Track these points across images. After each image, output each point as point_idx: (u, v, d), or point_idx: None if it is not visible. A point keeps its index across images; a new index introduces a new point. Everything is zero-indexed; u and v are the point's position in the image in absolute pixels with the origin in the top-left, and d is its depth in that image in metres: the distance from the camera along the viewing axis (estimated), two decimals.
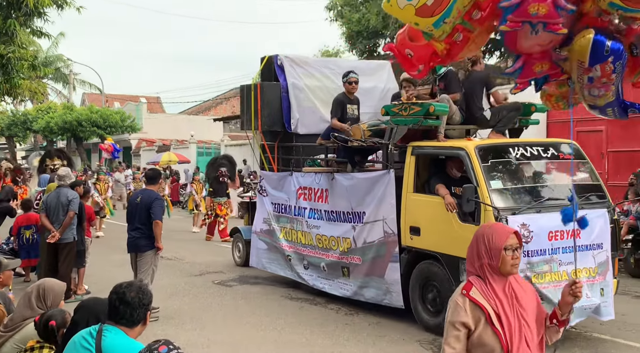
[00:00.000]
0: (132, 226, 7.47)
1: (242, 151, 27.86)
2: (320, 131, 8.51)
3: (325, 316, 7.53)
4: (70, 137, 34.58)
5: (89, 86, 40.70)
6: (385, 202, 7.08)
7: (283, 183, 8.90)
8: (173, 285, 9.23)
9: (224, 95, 45.68)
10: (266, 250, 9.30)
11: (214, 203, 14.08)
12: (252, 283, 9.56)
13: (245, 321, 7.28)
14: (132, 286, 3.12)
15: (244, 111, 9.43)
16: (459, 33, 3.96)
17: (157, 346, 2.69)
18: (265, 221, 9.30)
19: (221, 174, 13.99)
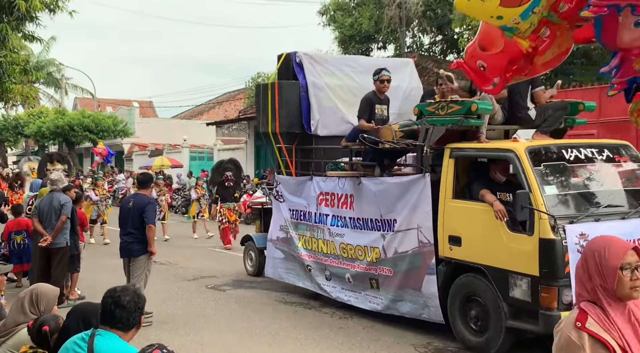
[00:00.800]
0: (124, 231, 7.43)
1: (235, 155, 27.76)
2: (342, 133, 8.14)
3: (320, 320, 7.52)
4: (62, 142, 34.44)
5: (81, 90, 40.63)
6: (420, 209, 6.54)
7: (302, 188, 8.38)
8: (166, 290, 9.19)
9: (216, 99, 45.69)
10: (283, 259, 8.78)
11: (224, 208, 13.49)
12: (246, 287, 9.53)
13: (239, 325, 7.25)
14: (128, 290, 3.12)
15: (260, 112, 8.89)
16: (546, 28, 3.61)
17: (150, 350, 2.68)
18: (281, 228, 8.79)
19: (227, 178, 13.48)
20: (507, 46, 3.86)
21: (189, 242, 14.71)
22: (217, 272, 10.76)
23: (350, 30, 23.77)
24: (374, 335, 6.83)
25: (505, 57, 3.89)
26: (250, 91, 39.50)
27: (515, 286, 5.64)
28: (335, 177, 7.83)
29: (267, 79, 39.11)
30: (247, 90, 40.25)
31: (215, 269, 11.08)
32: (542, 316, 5.40)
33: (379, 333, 6.92)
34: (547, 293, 5.38)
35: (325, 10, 24.92)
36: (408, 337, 6.73)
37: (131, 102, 41.41)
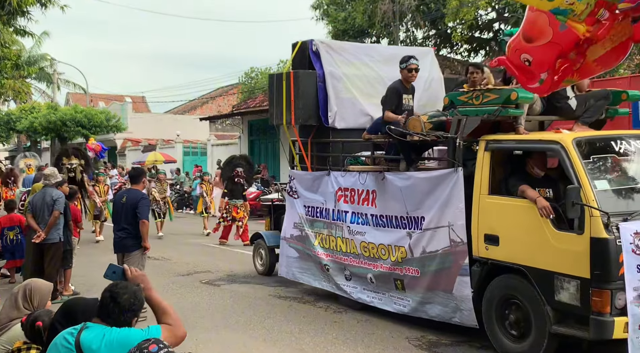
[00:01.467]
0: (118, 227, 7.41)
1: (229, 151, 27.79)
2: (360, 126, 7.85)
3: (314, 314, 7.54)
4: (55, 137, 34.26)
5: (73, 85, 40.38)
6: (452, 205, 6.12)
7: (318, 184, 7.98)
8: (160, 285, 9.17)
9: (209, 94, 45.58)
10: (297, 258, 8.37)
11: (230, 205, 13.20)
12: (240, 282, 9.54)
13: (233, 320, 7.26)
14: (128, 288, 3.13)
15: (273, 103, 8.37)
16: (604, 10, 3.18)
17: (147, 345, 2.68)
18: (296, 226, 8.38)
19: (237, 174, 13.17)
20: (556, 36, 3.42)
21: (182, 238, 14.67)
22: (212, 267, 10.76)
23: (344, 25, 23.72)
24: (368, 329, 6.86)
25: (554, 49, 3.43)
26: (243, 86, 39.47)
27: (562, 289, 5.26)
28: (355, 172, 7.43)
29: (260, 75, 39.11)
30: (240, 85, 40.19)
31: (210, 264, 11.08)
32: (593, 321, 5.01)
33: (374, 327, 6.94)
34: (599, 296, 4.97)
35: (318, 5, 24.86)
36: (402, 330, 6.76)
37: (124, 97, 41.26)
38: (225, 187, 13.49)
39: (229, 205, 13.17)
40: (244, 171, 13.29)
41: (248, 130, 26.89)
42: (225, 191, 13.43)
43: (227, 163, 13.67)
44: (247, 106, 27.03)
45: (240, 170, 13.18)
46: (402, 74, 7.21)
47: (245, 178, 13.43)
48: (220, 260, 11.57)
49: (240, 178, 13.20)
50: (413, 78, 7.27)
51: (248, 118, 26.54)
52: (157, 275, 10.00)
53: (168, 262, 11.36)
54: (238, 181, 13.21)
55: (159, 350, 2.66)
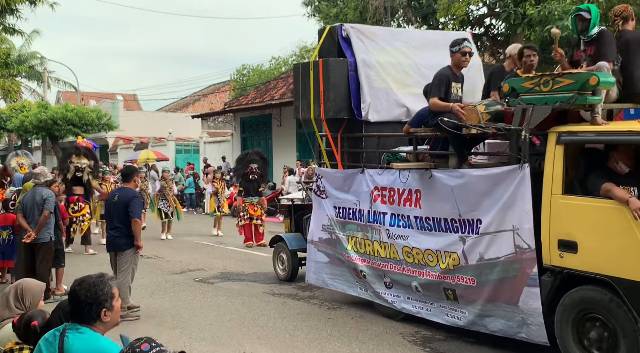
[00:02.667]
0: (110, 225, 7.38)
1: (222, 148, 27.77)
2: (395, 118, 7.31)
3: (309, 311, 7.53)
4: (46, 136, 34.08)
5: (64, 83, 40.16)
6: (517, 207, 5.42)
7: (350, 183, 7.32)
8: (154, 284, 9.15)
9: (201, 92, 45.47)
10: (328, 263, 7.73)
11: (246, 203, 12.71)
12: (234, 279, 9.51)
13: (227, 318, 7.24)
14: (84, 282, 2.97)
15: (299, 96, 7.73)
16: None
17: (139, 344, 2.66)
18: (324, 228, 7.73)
19: (251, 171, 12.67)
20: None
21: (176, 236, 14.61)
22: (205, 265, 10.73)
23: (336, 21, 23.67)
24: (362, 325, 6.86)
25: None
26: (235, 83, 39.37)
27: None
28: (394, 170, 6.74)
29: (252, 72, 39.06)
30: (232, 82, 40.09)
31: (203, 262, 11.05)
32: None
33: (368, 323, 6.94)
34: None
35: (310, 1, 24.82)
36: (396, 326, 6.76)
37: (115, 95, 41.05)
38: (240, 185, 13.12)
39: (245, 203, 12.71)
40: (259, 167, 12.83)
41: (240, 127, 26.84)
42: (241, 189, 13.00)
43: (241, 160, 13.23)
44: (239, 103, 26.97)
45: (255, 166, 12.72)
46: (454, 59, 6.45)
47: (260, 174, 12.98)
48: (213, 258, 11.54)
49: (255, 174, 12.76)
50: (466, 63, 6.52)
51: (240, 115, 26.49)
52: (151, 273, 9.97)
53: (161, 260, 11.32)
54: (253, 178, 12.77)
55: (151, 349, 2.65)
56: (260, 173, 12.87)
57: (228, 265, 10.75)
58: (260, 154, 13.30)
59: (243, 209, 12.69)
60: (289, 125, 23.82)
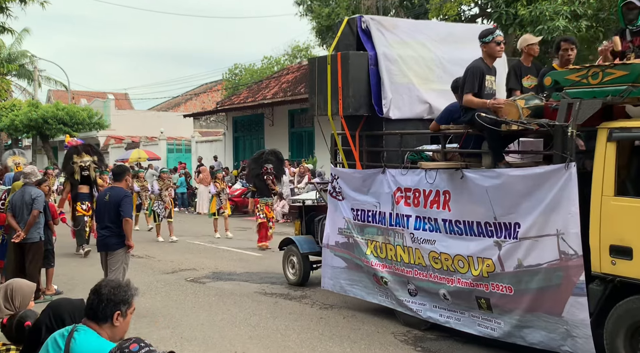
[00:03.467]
0: (101, 225, 7.33)
1: (214, 147, 27.71)
2: (416, 115, 6.99)
3: (300, 311, 7.52)
4: (36, 135, 33.89)
5: (55, 82, 39.92)
6: (562, 209, 5.02)
7: (370, 184, 6.93)
8: (145, 283, 9.11)
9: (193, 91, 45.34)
10: (345, 269, 7.36)
11: (261, 203, 12.37)
12: (225, 279, 9.49)
13: (219, 318, 7.23)
14: (113, 282, 3.12)
15: (315, 92, 7.35)
16: None
17: (127, 345, 2.65)
18: (341, 232, 7.36)
19: (266, 171, 12.30)
20: None
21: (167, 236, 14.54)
22: (196, 265, 10.70)
23: (328, 21, 23.67)
24: (354, 325, 6.86)
25: None
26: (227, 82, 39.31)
27: None
28: (419, 170, 6.33)
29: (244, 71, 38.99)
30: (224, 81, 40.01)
31: (194, 262, 11.02)
32: None
33: (359, 322, 6.94)
34: None
35: (302, 1, 24.80)
36: (388, 325, 6.77)
37: (106, 94, 40.85)
38: (254, 185, 12.74)
39: (260, 204, 12.38)
40: (274, 168, 12.47)
41: (233, 126, 26.79)
42: (254, 190, 12.73)
43: (255, 160, 12.81)
44: (231, 103, 26.92)
45: (270, 167, 12.38)
46: (487, 50, 5.99)
47: (275, 175, 12.63)
48: (205, 258, 11.51)
49: (270, 175, 12.39)
50: (501, 53, 6.06)
51: (232, 115, 26.44)
52: (142, 273, 9.93)
53: (152, 260, 11.28)
54: (267, 178, 12.41)
55: (141, 349, 2.63)
56: (274, 173, 12.54)
57: (220, 264, 10.72)
58: (276, 154, 12.96)
59: (259, 209, 12.38)
60: (281, 124, 23.80)
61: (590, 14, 13.51)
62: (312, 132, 22.43)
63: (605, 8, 13.61)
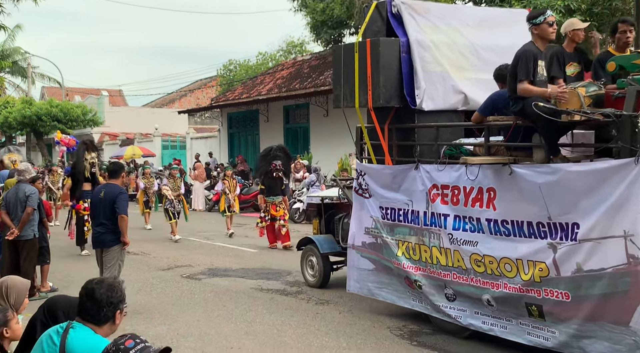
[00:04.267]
0: (96, 222, 7.32)
1: (209, 144, 27.66)
2: (451, 107, 6.53)
3: (296, 306, 7.53)
4: (30, 132, 33.77)
5: (48, 79, 39.78)
6: (631, 208, 4.60)
7: (401, 180, 6.47)
8: (141, 280, 9.11)
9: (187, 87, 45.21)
10: (373, 271, 6.91)
11: (268, 203, 11.94)
12: (221, 275, 9.49)
13: (215, 314, 7.23)
14: (102, 283, 3.07)
15: (340, 82, 6.89)
16: None
17: (123, 341, 2.65)
18: (368, 231, 6.92)
19: (275, 168, 11.88)
20: None
21: (162, 232, 14.53)
22: (192, 261, 10.70)
23: (322, 16, 23.67)
24: (350, 320, 6.88)
25: None
26: (222, 78, 39.22)
27: None
28: (458, 165, 5.84)
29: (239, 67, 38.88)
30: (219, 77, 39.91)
31: (190, 258, 11.01)
32: None
33: (355, 317, 6.96)
34: None
35: None
36: (384, 320, 6.79)
37: (100, 91, 40.70)
38: (262, 183, 12.30)
39: (267, 203, 11.94)
40: (282, 164, 12.07)
41: (227, 123, 26.75)
42: (262, 188, 12.21)
43: (264, 157, 12.37)
44: (226, 99, 26.87)
45: (279, 163, 11.96)
46: (539, 32, 5.40)
47: (284, 172, 12.23)
48: (200, 254, 11.51)
49: (278, 171, 11.96)
50: (554, 35, 5.49)
51: (227, 111, 26.39)
52: (137, 270, 9.92)
53: (148, 257, 11.27)
54: (276, 175, 11.96)
55: (136, 345, 2.63)
56: (283, 170, 12.12)
57: (215, 261, 10.72)
58: (284, 150, 12.60)
59: (265, 209, 11.96)
60: (276, 120, 23.77)
61: (584, 8, 13.53)
62: (307, 128, 22.42)
63: (599, 2, 13.62)
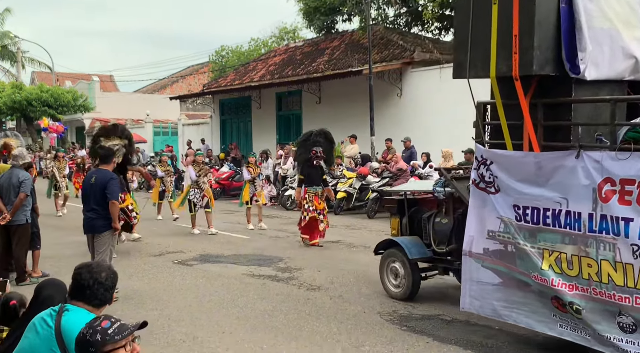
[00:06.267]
0: (87, 207, 7.31)
1: (201, 130, 27.60)
2: (617, 75, 5.19)
3: (288, 292, 7.58)
4: (20, 117, 33.53)
5: (38, 64, 39.43)
6: None
7: (551, 172, 5.01)
8: (132, 266, 9.12)
9: (179, 73, 44.96)
10: (499, 286, 5.49)
11: (310, 193, 10.61)
12: (213, 262, 9.52)
13: (207, 299, 7.27)
14: (102, 266, 3.17)
15: (466, 44, 5.36)
16: None
17: (98, 322, 2.66)
18: (493, 236, 5.48)
19: (315, 155, 10.61)
20: None
21: (152, 219, 14.51)
22: (184, 248, 10.71)
23: (315, 2, 23.58)
24: (341, 305, 6.94)
25: None
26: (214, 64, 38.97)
27: None
28: None
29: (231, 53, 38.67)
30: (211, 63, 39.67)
31: (182, 245, 11.02)
32: None
33: (346, 303, 7.02)
34: None
35: None
36: (374, 306, 6.85)
37: (91, 76, 40.40)
38: (301, 172, 11.02)
39: (309, 193, 10.64)
40: (324, 151, 10.79)
41: (219, 109, 26.66)
42: (302, 178, 10.89)
43: (303, 142, 11.10)
44: (218, 85, 26.75)
45: (319, 150, 10.65)
46: None
47: (325, 159, 10.92)
48: (192, 240, 11.52)
49: (319, 159, 10.68)
50: None
51: (219, 97, 26.29)
52: (129, 255, 9.93)
53: (139, 243, 11.27)
54: (317, 163, 10.69)
55: (112, 325, 2.64)
56: (324, 157, 10.80)
57: (207, 247, 10.74)
58: (326, 134, 11.14)
59: (308, 200, 10.61)
60: (268, 107, 23.71)
61: None
62: (299, 115, 22.39)
63: None
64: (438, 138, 15.97)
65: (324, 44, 23.81)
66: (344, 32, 24.20)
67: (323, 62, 21.72)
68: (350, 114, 19.26)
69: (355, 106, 19.00)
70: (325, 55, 22.37)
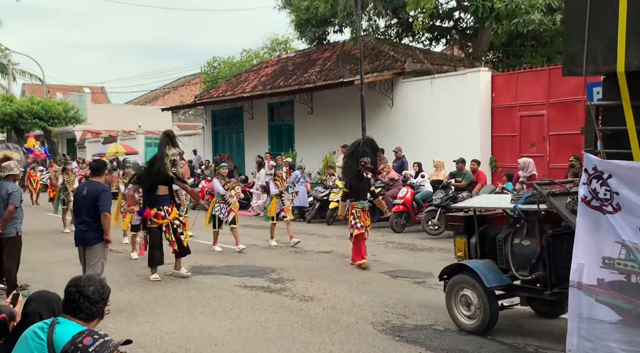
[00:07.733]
0: (79, 220, 7.30)
1: (193, 141, 27.55)
2: None
3: (280, 303, 7.57)
4: (11, 129, 33.37)
5: (29, 76, 39.33)
6: None
7: None
8: (124, 278, 9.08)
9: (171, 84, 45.01)
10: (617, 324, 4.55)
11: (356, 208, 9.76)
12: (205, 273, 9.49)
13: (199, 311, 7.24)
14: (92, 280, 3.17)
15: (582, 34, 4.45)
16: None
17: (81, 339, 2.65)
18: (610, 264, 4.57)
19: (364, 167, 9.77)
20: None
21: None
22: None
23: (307, 14, 23.69)
24: (333, 316, 6.93)
25: None
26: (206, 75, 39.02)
27: None
28: None
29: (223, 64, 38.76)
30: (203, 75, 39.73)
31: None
32: None
33: (339, 313, 7.01)
34: None
35: None
36: (367, 316, 6.85)
37: (82, 88, 40.35)
38: (346, 185, 10.23)
39: (356, 208, 9.77)
40: (371, 162, 9.99)
41: (212, 120, 26.65)
42: (346, 191, 10.10)
43: (351, 155, 10.14)
44: (209, 96, 26.77)
45: (367, 160, 9.81)
46: None
47: (372, 171, 10.14)
48: None
49: (367, 171, 9.88)
50: None
51: (211, 108, 26.29)
52: (120, 267, 9.88)
53: (131, 254, 11.21)
54: (367, 174, 9.91)
55: (94, 342, 2.63)
56: (371, 168, 10.02)
57: (199, 258, 10.70)
58: (372, 144, 10.28)
59: (355, 216, 9.74)
60: (260, 118, 23.74)
61: None
62: (292, 125, 22.42)
63: None
64: (429, 148, 16.04)
65: (315, 54, 23.92)
66: (336, 43, 24.34)
67: (315, 73, 21.81)
68: (342, 124, 19.33)
69: (347, 116, 19.07)
70: (317, 66, 22.48)
